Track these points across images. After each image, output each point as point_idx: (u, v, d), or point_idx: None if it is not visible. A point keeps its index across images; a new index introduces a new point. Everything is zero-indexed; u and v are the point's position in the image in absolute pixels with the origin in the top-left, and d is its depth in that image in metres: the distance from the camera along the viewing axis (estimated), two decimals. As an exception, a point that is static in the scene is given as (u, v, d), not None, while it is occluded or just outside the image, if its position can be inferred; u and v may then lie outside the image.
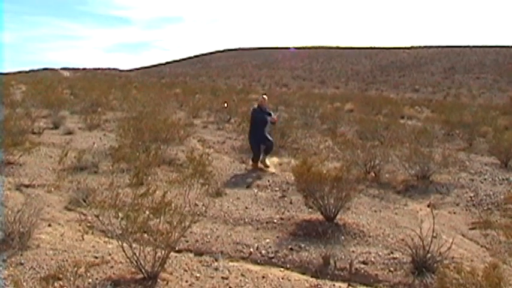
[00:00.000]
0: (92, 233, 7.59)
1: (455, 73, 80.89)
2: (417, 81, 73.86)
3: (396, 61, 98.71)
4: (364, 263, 6.85)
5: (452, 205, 10.14)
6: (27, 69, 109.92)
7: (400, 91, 61.58)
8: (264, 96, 13.90)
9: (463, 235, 8.40)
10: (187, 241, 7.35)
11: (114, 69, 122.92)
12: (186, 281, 5.94)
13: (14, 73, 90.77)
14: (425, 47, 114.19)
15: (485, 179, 11.98)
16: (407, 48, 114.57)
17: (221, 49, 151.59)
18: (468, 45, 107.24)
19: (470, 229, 8.75)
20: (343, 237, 7.75)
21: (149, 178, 10.10)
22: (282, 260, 6.96)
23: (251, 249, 7.22)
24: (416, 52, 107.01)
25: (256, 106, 13.58)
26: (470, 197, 10.55)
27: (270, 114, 13.36)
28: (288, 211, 9.09)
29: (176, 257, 6.65)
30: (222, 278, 6.14)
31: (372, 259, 6.96)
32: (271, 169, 12.55)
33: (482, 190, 10.99)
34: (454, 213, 9.68)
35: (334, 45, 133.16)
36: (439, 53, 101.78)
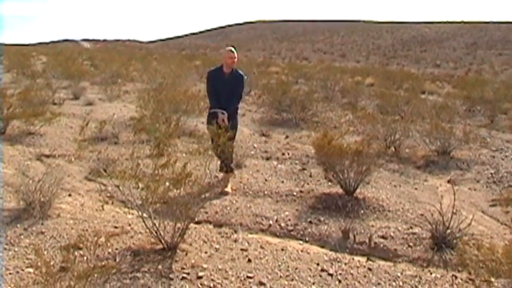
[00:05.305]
0: (112, 203, 7.65)
1: (478, 49, 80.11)
2: (439, 57, 73.34)
3: (418, 36, 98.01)
4: (383, 237, 6.84)
5: (472, 181, 10.07)
6: (47, 40, 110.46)
7: (421, 66, 61.19)
8: (231, 48, 8.84)
9: (483, 212, 8.35)
10: (206, 212, 7.38)
11: (134, 40, 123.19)
12: (206, 252, 5.97)
13: (35, 44, 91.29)
14: (447, 22, 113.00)
15: (506, 156, 11.86)
16: (429, 23, 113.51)
17: (241, 21, 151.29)
18: (491, 21, 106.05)
19: (490, 206, 8.69)
20: (362, 212, 7.73)
21: (169, 149, 10.12)
22: (301, 232, 6.96)
23: (270, 222, 7.23)
24: (438, 27, 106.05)
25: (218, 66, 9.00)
26: (491, 174, 10.47)
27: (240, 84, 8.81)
28: (308, 184, 9.08)
29: (196, 228, 6.67)
30: (241, 249, 6.16)
31: (391, 234, 6.95)
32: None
33: (503, 167, 10.90)
34: (475, 189, 9.62)
35: (355, 18, 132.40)
36: (461, 28, 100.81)
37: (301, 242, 6.72)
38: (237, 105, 8.83)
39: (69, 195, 7.74)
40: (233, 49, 8.77)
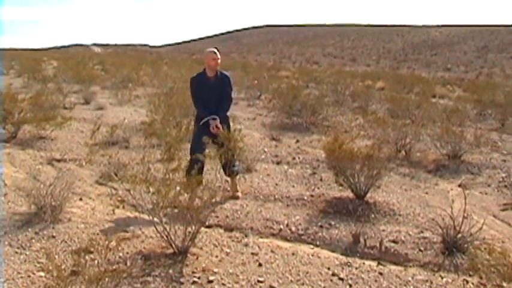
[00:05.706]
0: (123, 208, 7.65)
1: (488, 52, 79.90)
2: (449, 60, 73.26)
3: (428, 39, 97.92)
4: (394, 241, 6.81)
5: (483, 185, 10.02)
6: (58, 45, 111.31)
7: (432, 70, 61.13)
8: (213, 50, 8.29)
9: (494, 216, 8.30)
10: (217, 217, 7.37)
11: (144, 45, 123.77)
12: (216, 256, 5.97)
13: (46, 49, 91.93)
14: (458, 25, 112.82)
15: (517, 160, 11.82)
16: (440, 26, 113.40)
17: (252, 26, 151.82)
18: (502, 24, 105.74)
19: (501, 210, 8.64)
20: (373, 216, 7.71)
21: (180, 153, 10.13)
22: (312, 237, 6.94)
23: (281, 226, 7.22)
24: (448, 30, 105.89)
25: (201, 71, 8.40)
26: (502, 178, 10.41)
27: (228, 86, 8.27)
28: (318, 188, 9.06)
29: (206, 232, 6.67)
30: (252, 254, 6.15)
31: (402, 238, 6.92)
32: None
33: (514, 171, 10.86)
34: (486, 193, 9.57)
35: (365, 23, 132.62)
36: (472, 32, 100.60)
37: (312, 246, 6.70)
38: (228, 109, 8.21)
39: (80, 199, 7.76)
40: (215, 50, 8.16)
